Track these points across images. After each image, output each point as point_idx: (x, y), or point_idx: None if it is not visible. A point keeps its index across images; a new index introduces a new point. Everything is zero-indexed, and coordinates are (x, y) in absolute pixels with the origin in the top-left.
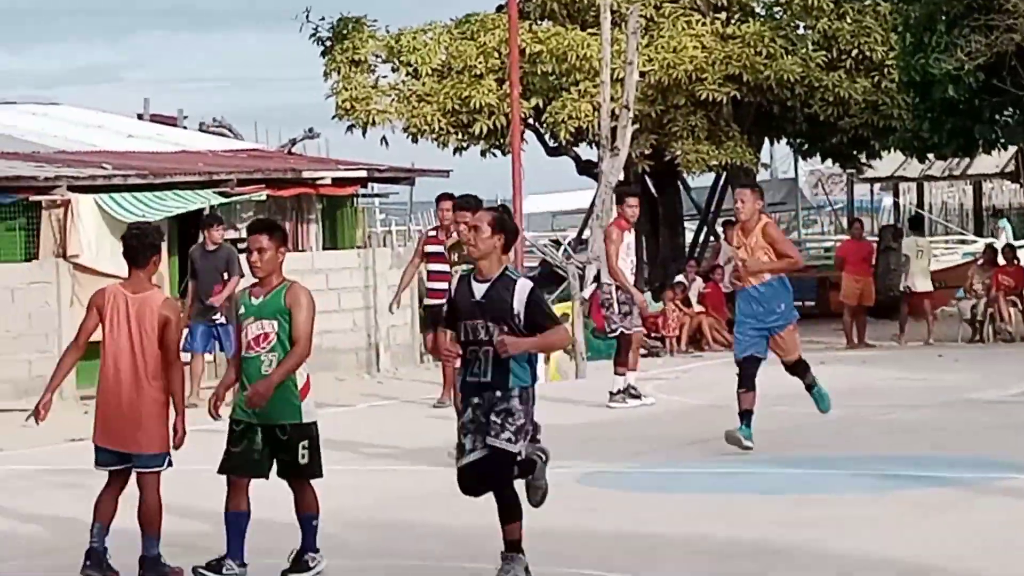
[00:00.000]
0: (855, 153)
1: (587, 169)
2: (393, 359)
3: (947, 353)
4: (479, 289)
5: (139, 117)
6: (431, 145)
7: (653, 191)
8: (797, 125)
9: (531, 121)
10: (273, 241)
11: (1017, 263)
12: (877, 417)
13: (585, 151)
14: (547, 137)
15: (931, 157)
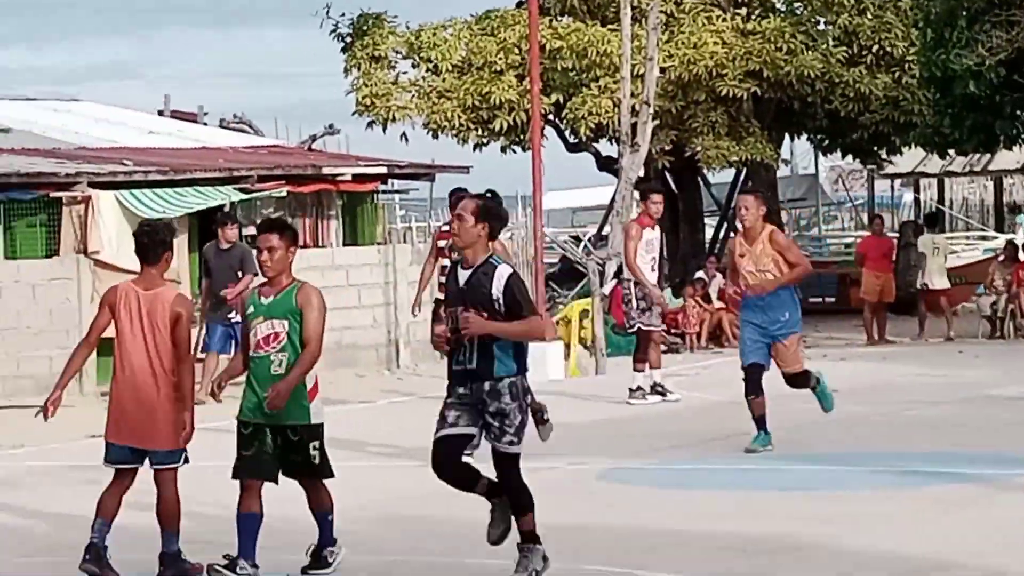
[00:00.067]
0: (876, 149)
1: (607, 165)
2: (413, 355)
3: (967, 349)
4: (463, 276)
5: (159, 113)
6: (451, 141)
7: (673, 187)
8: (817, 121)
9: (551, 117)
10: (284, 240)
11: None
12: (897, 413)
13: (605, 147)
14: (567, 133)
15: (952, 153)
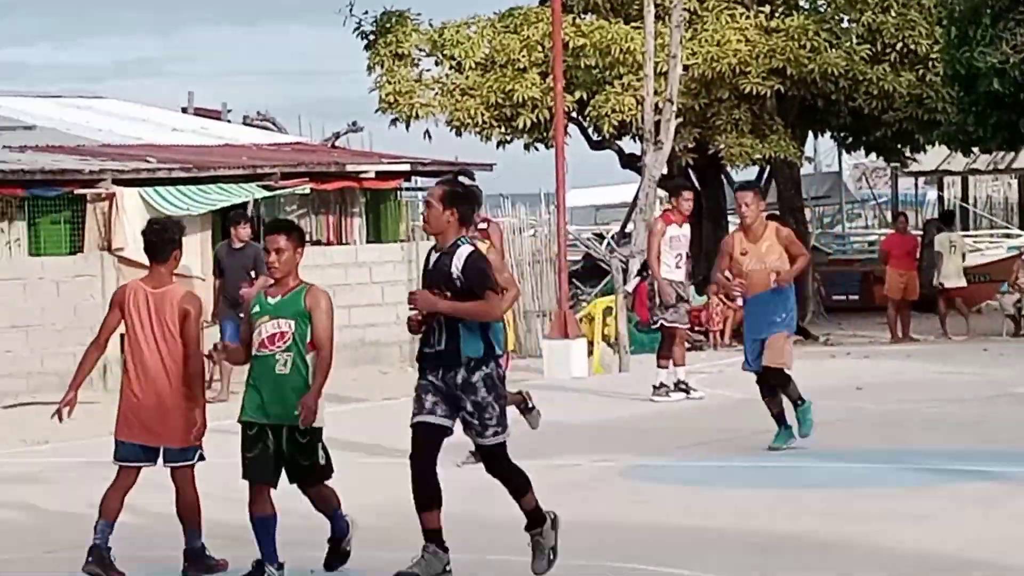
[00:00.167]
0: (899, 147)
1: (630, 163)
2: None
3: (992, 347)
4: (433, 258)
5: (183, 111)
6: (474, 139)
7: (696, 185)
8: (841, 119)
9: (574, 115)
10: (291, 241)
11: None
12: (921, 411)
13: (628, 145)
14: (590, 131)
15: (976, 151)
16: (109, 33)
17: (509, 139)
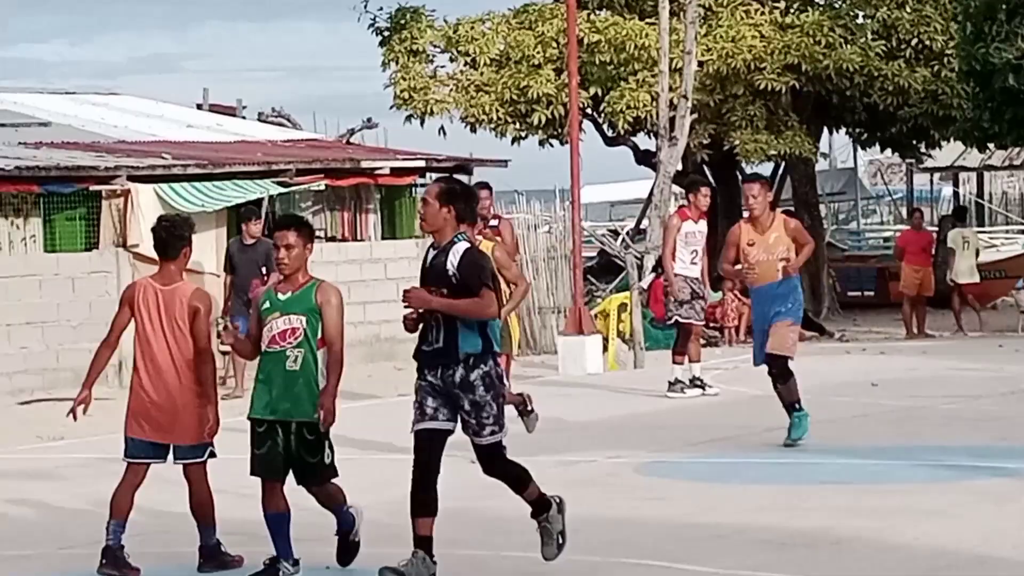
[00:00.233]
0: (915, 143)
1: (645, 159)
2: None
3: (1008, 343)
4: (431, 256)
5: (198, 107)
6: (489, 135)
7: (712, 181)
8: (856, 115)
9: (589, 111)
10: (301, 237)
11: None
12: (938, 407)
13: (643, 141)
14: (605, 127)
15: (991, 147)
16: (124, 30)
17: (524, 135)
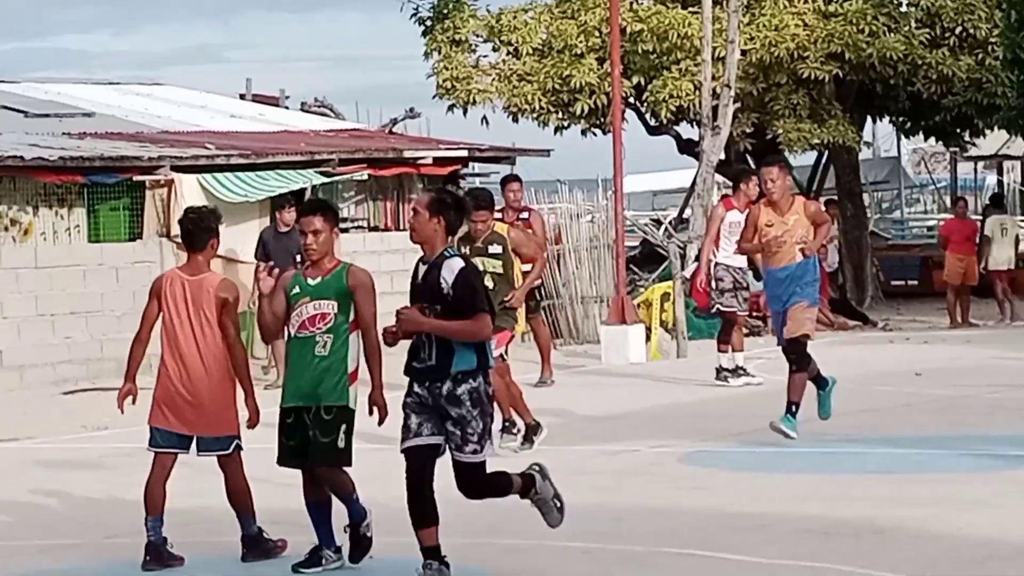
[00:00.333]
0: (958, 131)
1: (688, 148)
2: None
3: None
4: (421, 271)
5: (241, 97)
6: (531, 125)
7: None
8: (900, 103)
9: (632, 100)
10: (327, 222)
11: None
12: (981, 396)
13: (686, 130)
14: (648, 116)
15: None
16: (167, 20)
17: (566, 125)
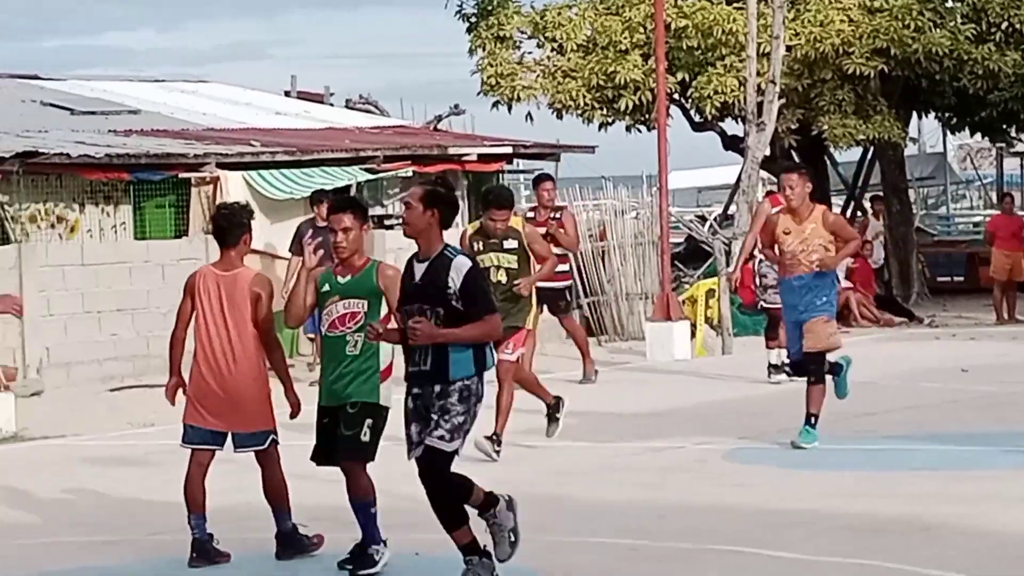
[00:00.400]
0: (1004, 127)
1: (733, 144)
2: (539, 335)
3: None
4: (419, 270)
5: (286, 94)
6: (576, 121)
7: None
8: (946, 99)
9: (676, 96)
10: (357, 219)
11: None
12: None
13: (731, 126)
14: (692, 112)
15: None
16: (212, 17)
17: (611, 121)
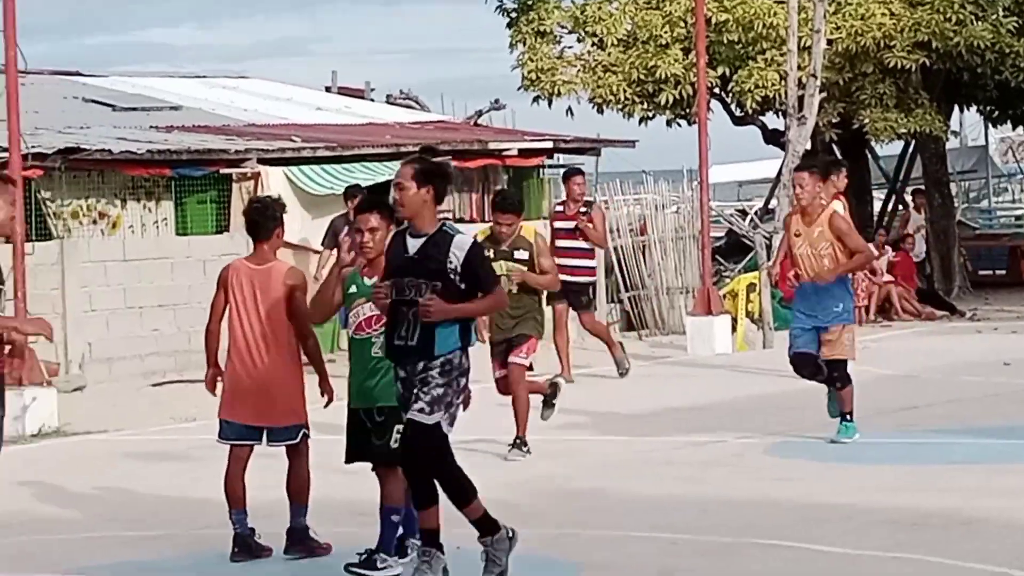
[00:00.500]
0: None
1: (774, 138)
2: (579, 328)
3: None
4: (413, 244)
5: (327, 90)
6: (616, 116)
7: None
8: (987, 92)
9: (717, 90)
10: (384, 220)
11: None
12: None
13: (772, 120)
14: (733, 106)
15: None
16: (253, 13)
17: (651, 115)
